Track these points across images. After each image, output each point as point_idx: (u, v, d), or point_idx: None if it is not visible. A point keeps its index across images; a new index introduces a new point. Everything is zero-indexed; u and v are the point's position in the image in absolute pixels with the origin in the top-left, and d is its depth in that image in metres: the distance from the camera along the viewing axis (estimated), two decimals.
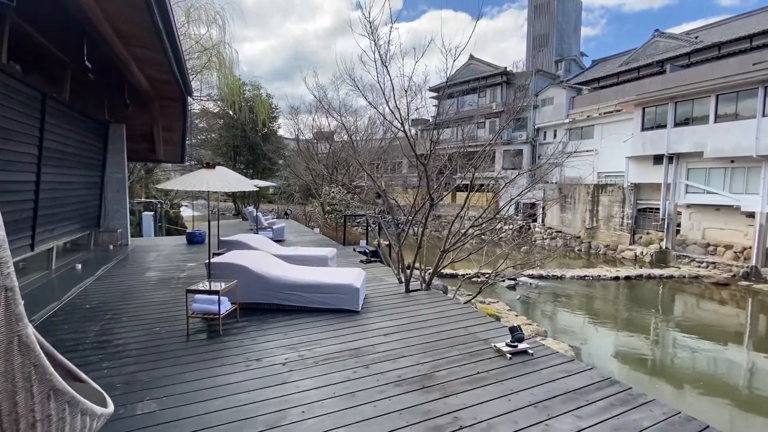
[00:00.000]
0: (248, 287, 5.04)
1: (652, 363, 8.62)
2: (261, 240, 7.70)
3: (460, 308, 5.31)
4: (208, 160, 4.71)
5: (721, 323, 11.61)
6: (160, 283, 6.53)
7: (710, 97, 19.08)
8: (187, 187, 4.36)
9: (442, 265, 6.20)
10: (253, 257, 5.57)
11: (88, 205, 9.07)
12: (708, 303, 13.67)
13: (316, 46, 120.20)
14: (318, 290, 5.08)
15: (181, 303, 5.28)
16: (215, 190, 4.42)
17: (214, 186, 4.44)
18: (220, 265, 5.15)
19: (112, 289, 6.08)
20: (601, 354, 8.98)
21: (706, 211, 19.69)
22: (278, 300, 5.12)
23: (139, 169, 17.21)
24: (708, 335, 10.20)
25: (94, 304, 5.33)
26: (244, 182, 4.96)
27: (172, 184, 4.48)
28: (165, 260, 8.52)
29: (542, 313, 11.52)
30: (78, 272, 7.19)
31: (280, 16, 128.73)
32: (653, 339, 10.06)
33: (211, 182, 4.47)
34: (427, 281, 6.11)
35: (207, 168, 4.73)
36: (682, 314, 12.64)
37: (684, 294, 14.67)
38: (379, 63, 5.27)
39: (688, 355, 9.11)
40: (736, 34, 24.11)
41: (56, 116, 6.94)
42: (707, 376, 7.97)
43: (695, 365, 8.49)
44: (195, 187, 4.36)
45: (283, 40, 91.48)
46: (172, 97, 9.98)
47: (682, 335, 10.15)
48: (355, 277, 5.39)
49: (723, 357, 8.97)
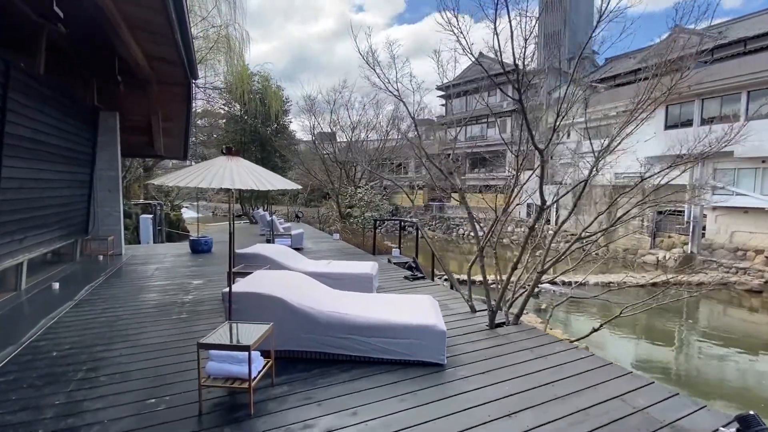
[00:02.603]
0: (286, 328, 3.49)
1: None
2: (284, 252, 6.14)
3: (578, 355, 3.74)
4: (229, 145, 3.22)
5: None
6: (158, 311, 4.97)
7: (740, 93, 18.11)
8: (200, 182, 2.80)
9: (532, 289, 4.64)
10: (287, 282, 4.01)
11: (72, 208, 7.51)
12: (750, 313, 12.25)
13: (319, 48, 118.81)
14: (388, 334, 3.51)
15: (187, 348, 3.71)
16: (242, 187, 2.86)
17: (241, 181, 2.88)
18: (243, 297, 3.59)
19: (94, 323, 4.52)
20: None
21: (733, 214, 18.47)
22: (330, 348, 3.56)
23: (136, 167, 15.64)
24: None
25: (65, 349, 3.77)
26: (281, 180, 3.39)
27: (177, 179, 2.91)
28: (165, 276, 6.95)
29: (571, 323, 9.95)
30: (54, 294, 5.63)
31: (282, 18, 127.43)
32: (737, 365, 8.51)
33: (236, 176, 2.91)
34: (516, 313, 4.54)
35: (228, 155, 3.17)
36: (729, 327, 11.12)
37: (723, 303, 13.20)
38: None
39: None
40: (762, 29, 22.82)
41: (25, 93, 5.39)
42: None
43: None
44: (212, 182, 2.80)
45: (285, 42, 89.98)
46: (174, 80, 8.45)
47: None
48: (433, 311, 3.83)
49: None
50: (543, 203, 3.81)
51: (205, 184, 2.79)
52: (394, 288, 6.25)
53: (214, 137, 22.95)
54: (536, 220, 3.96)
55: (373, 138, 22.12)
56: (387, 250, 9.64)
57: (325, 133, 22.63)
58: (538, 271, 4.41)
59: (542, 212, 3.85)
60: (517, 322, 4.57)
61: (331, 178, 17.74)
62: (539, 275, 4.42)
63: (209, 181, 2.79)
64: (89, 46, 7.11)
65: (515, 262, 4.40)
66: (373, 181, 18.46)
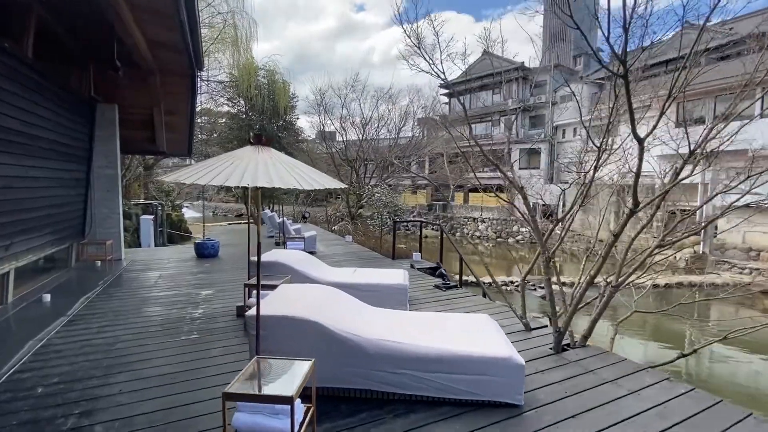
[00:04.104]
0: (324, 360, 2.82)
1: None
2: (304, 260, 5.47)
3: (676, 389, 3.08)
4: (258, 132, 2.59)
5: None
6: (164, 330, 4.30)
7: (756, 90, 17.68)
8: (225, 178, 2.13)
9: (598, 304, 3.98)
10: (318, 299, 3.34)
11: (66, 210, 6.83)
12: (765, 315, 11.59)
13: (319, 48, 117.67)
14: (452, 368, 2.84)
15: (203, 382, 3.05)
16: (281, 185, 2.19)
17: (279, 178, 2.21)
18: (271, 322, 2.92)
19: (88, 346, 3.84)
20: None
21: (746, 214, 18.07)
22: (378, 384, 2.89)
23: (136, 165, 14.93)
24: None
25: (53, 384, 3.10)
26: (326, 178, 2.71)
27: (194, 174, 2.22)
28: (170, 284, 6.28)
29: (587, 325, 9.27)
30: (44, 308, 4.96)
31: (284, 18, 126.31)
32: None
33: (272, 171, 2.24)
34: (584, 333, 3.88)
35: (257, 145, 2.50)
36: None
37: (735, 304, 12.55)
38: None
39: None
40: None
41: (11, 79, 4.72)
42: None
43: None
44: (242, 179, 2.13)
45: (286, 42, 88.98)
46: (178, 70, 7.78)
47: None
48: (500, 336, 3.16)
49: None
50: (636, 205, 3.15)
51: (233, 182, 2.11)
52: (427, 299, 5.59)
53: (215, 135, 22.22)
54: (623, 226, 3.30)
55: (383, 136, 21.42)
56: (406, 254, 8.97)
57: (329, 132, 21.93)
58: (613, 285, 3.74)
59: (632, 216, 3.20)
60: (585, 344, 3.91)
61: (341, 176, 17.03)
62: (614, 289, 3.75)
63: (238, 178, 2.12)
64: (84, 29, 6.43)
65: (592, 274, 3.74)
66: (386, 179, 17.76)
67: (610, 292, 3.72)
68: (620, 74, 2.72)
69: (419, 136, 23.74)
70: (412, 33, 4.25)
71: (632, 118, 2.74)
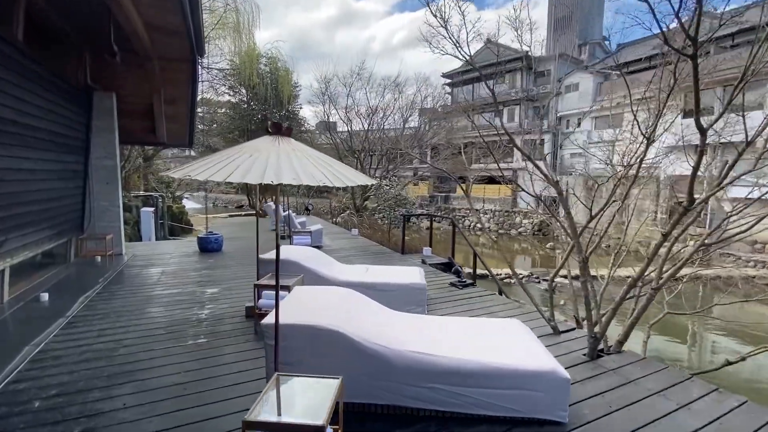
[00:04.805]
0: (350, 373, 2.56)
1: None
2: (315, 257, 5.19)
3: (728, 402, 2.84)
4: (277, 121, 2.27)
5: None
6: (169, 333, 4.04)
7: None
8: (243, 174, 1.83)
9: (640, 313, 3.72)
10: (337, 304, 3.07)
11: (64, 203, 6.54)
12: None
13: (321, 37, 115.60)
14: (489, 382, 2.59)
15: (213, 395, 2.79)
16: (310, 182, 1.90)
17: (307, 173, 1.92)
18: (290, 331, 2.65)
19: (89, 352, 3.58)
20: None
21: (753, 206, 17.94)
22: (408, 400, 2.64)
23: (136, 156, 14.56)
24: None
25: (51, 396, 2.84)
26: (357, 173, 2.41)
27: (207, 169, 1.92)
28: (173, 281, 6.01)
29: None
30: (42, 308, 4.69)
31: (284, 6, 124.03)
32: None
33: (298, 166, 1.95)
34: (620, 338, 3.63)
35: (276, 135, 2.20)
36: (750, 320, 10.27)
37: (738, 297, 12.33)
38: None
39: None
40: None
41: (2, 64, 4.39)
42: None
43: None
44: (265, 175, 1.83)
45: (286, 30, 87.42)
46: (178, 56, 7.42)
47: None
48: (538, 346, 2.90)
49: None
50: (692, 201, 2.86)
51: (254, 178, 1.82)
52: (443, 299, 5.33)
53: (214, 126, 21.76)
54: (676, 223, 3.02)
55: (389, 126, 20.98)
56: (415, 248, 8.70)
57: (331, 122, 21.46)
58: (653, 287, 3.47)
59: (685, 214, 2.91)
60: (620, 349, 3.66)
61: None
62: (653, 291, 3.49)
63: (259, 174, 1.82)
64: (79, 12, 6.06)
65: (637, 274, 3.46)
66: (393, 170, 17.41)
67: (650, 294, 3.46)
68: (689, 54, 2.41)
69: (424, 127, 23.33)
70: (438, 12, 3.90)
71: (697, 104, 2.44)
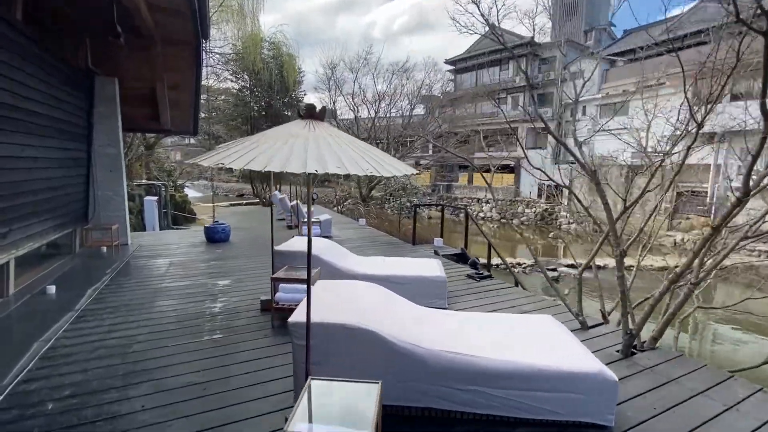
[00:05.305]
0: (382, 374, 2.41)
1: None
2: (330, 248, 5.02)
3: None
4: (310, 104, 2.08)
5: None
6: (182, 328, 3.88)
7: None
8: (283, 164, 1.64)
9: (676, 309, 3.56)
10: (368, 301, 2.91)
11: (67, 192, 6.34)
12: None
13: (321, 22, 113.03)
14: (532, 384, 2.44)
15: (236, 395, 2.64)
16: (357, 172, 1.70)
17: (352, 162, 1.72)
18: (317, 330, 2.49)
19: (102, 348, 3.43)
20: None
21: (759, 195, 17.82)
22: (444, 402, 2.49)
23: (138, 144, 14.27)
24: None
25: (65, 397, 2.69)
26: (399, 163, 2.20)
27: (239, 156, 1.72)
28: (183, 273, 5.85)
29: None
30: (50, 302, 4.54)
31: None
32: None
33: (342, 155, 1.75)
34: (654, 334, 3.48)
35: (309, 119, 1.99)
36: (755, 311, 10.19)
37: (740, 286, 12.21)
38: None
39: None
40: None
41: (0, 45, 4.15)
42: None
43: None
44: (306, 164, 1.64)
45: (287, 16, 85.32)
46: (183, 39, 7.13)
47: None
48: (576, 345, 2.75)
49: None
50: (747, 192, 2.67)
51: (296, 168, 1.62)
52: (462, 291, 5.17)
53: (213, 114, 21.35)
54: (728, 217, 2.83)
55: (395, 113, 20.58)
56: (426, 239, 8.54)
57: (330, 110, 21.03)
58: (692, 282, 3.31)
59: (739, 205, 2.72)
60: (654, 345, 3.52)
61: None
62: (692, 285, 3.32)
63: (300, 163, 1.62)
64: None
65: (681, 269, 3.29)
66: (400, 159, 17.14)
67: (689, 288, 3.29)
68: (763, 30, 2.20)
69: (430, 114, 22.96)
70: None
71: (765, 85, 2.23)
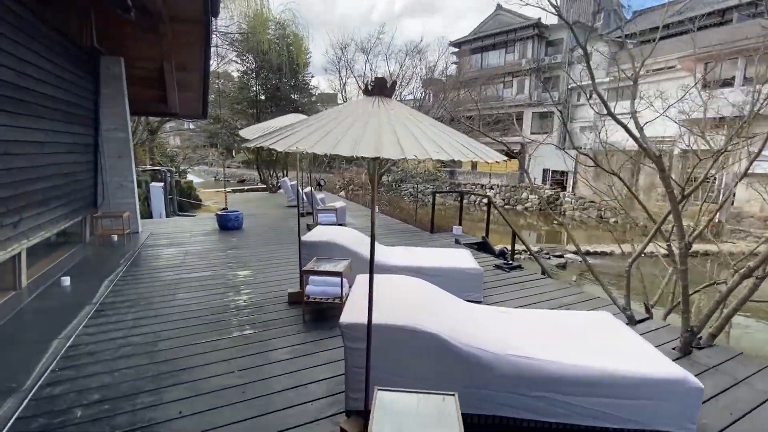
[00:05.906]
0: (443, 379, 2.20)
1: None
2: (358, 239, 4.78)
3: None
4: (380, 77, 1.84)
5: None
6: (208, 323, 3.67)
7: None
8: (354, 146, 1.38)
9: None
10: (417, 298, 2.69)
11: (76, 178, 6.07)
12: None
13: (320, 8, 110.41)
14: (607, 391, 2.22)
15: (276, 399, 2.44)
16: (442, 157, 1.45)
17: (437, 145, 1.46)
18: (376, 332, 2.26)
19: (126, 346, 3.23)
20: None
21: (766, 182, 17.64)
22: (510, 410, 2.29)
23: (142, 129, 13.90)
24: None
25: (94, 402, 2.49)
26: (486, 148, 1.91)
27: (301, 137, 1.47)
28: (200, 263, 5.63)
29: None
30: (65, 294, 4.33)
31: None
32: None
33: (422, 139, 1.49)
34: (712, 331, 3.28)
35: (376, 96, 1.72)
36: None
37: None
38: None
39: None
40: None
41: (4, 19, 3.82)
42: None
43: None
44: (383, 147, 1.38)
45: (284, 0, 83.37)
46: (191, 17, 6.76)
47: None
48: (646, 345, 2.54)
49: None
50: None
51: (367, 152, 1.36)
52: (494, 284, 4.96)
53: (212, 97, 20.78)
54: None
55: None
56: (442, 227, 8.30)
57: (329, 94, 20.46)
58: (758, 277, 3.08)
59: None
60: (712, 342, 3.32)
61: None
62: (759, 280, 3.10)
63: (373, 146, 1.36)
64: None
65: (756, 263, 3.06)
66: None
67: (756, 282, 3.07)
68: None
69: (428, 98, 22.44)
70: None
71: None
